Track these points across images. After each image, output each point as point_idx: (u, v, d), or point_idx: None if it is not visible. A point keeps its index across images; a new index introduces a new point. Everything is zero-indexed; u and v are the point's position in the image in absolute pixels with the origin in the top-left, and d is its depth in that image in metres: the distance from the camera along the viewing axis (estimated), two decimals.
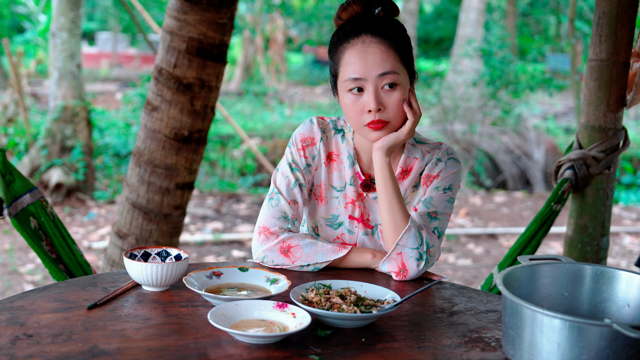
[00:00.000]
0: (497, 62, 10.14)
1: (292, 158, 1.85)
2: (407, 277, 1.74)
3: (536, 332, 1.18)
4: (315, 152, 1.85)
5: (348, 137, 1.87)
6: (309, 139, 1.85)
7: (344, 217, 1.87)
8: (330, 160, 1.87)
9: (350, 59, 1.70)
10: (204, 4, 2.92)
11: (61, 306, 1.43)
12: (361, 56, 1.69)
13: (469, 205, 7.58)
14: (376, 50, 1.69)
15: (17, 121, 8.16)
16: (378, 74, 1.68)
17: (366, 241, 1.87)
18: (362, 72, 1.68)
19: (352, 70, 1.69)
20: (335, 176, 1.87)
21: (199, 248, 5.64)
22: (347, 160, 1.86)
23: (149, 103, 3.08)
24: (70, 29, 6.70)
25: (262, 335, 1.28)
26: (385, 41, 1.70)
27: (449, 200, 1.81)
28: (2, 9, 17.54)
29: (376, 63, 1.68)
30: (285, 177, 1.83)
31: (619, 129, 2.53)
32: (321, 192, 1.88)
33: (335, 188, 1.87)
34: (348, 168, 1.86)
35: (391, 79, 1.69)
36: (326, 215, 1.88)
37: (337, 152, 1.87)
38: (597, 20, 2.48)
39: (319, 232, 1.90)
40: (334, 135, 1.87)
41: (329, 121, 1.89)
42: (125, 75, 16.86)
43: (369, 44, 1.69)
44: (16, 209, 2.22)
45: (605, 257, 2.65)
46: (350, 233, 1.88)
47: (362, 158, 1.86)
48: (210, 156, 8.87)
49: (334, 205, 1.88)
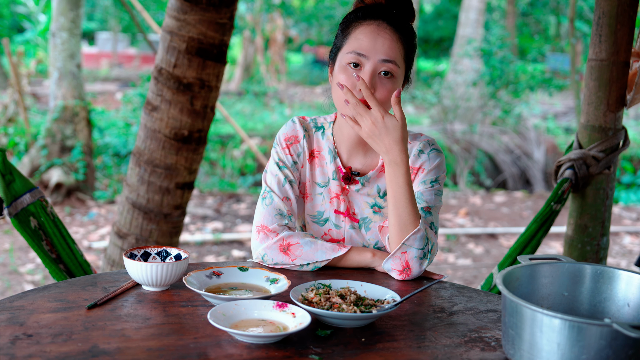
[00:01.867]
0: (497, 62, 10.14)
1: (279, 157, 1.87)
2: (410, 277, 1.74)
3: (536, 332, 1.18)
4: (300, 149, 1.88)
5: (327, 133, 1.90)
6: (293, 137, 1.88)
7: (330, 213, 1.89)
8: (313, 158, 1.90)
9: (361, 35, 1.74)
10: (204, 4, 2.92)
11: (61, 306, 1.43)
12: (373, 36, 1.73)
13: (469, 205, 7.58)
14: (388, 36, 1.74)
15: (17, 121, 8.16)
16: (382, 58, 1.72)
17: (353, 235, 1.88)
18: (368, 49, 1.72)
19: (359, 45, 1.73)
20: (318, 172, 1.89)
21: (199, 248, 5.64)
22: (328, 156, 1.88)
23: (149, 103, 3.08)
24: (70, 28, 6.70)
25: (262, 335, 1.28)
26: (398, 34, 1.75)
27: (437, 193, 1.83)
28: (2, 9, 17.54)
29: (384, 48, 1.72)
30: (275, 175, 1.85)
31: (619, 128, 2.53)
32: (306, 190, 1.90)
33: (319, 184, 1.89)
34: (330, 163, 1.88)
35: (390, 68, 1.72)
36: (312, 212, 1.90)
37: (319, 149, 1.90)
38: (597, 20, 2.48)
39: (307, 229, 1.92)
40: (315, 133, 1.91)
41: (309, 120, 1.93)
42: (125, 75, 16.86)
43: (383, 29, 1.74)
44: (16, 208, 2.22)
45: (605, 256, 2.65)
46: (337, 228, 1.89)
47: (341, 151, 1.88)
48: (210, 156, 8.87)
49: (318, 201, 1.89)
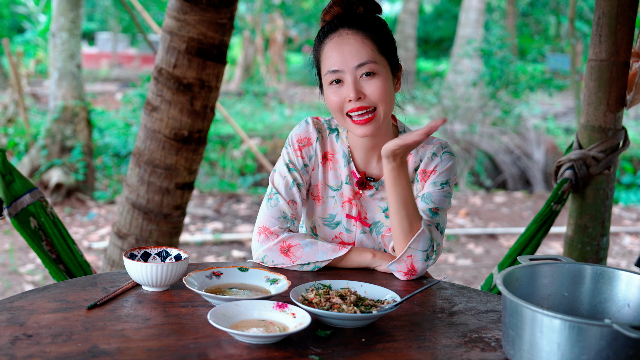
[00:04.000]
0: (497, 62, 10.13)
1: (289, 159, 1.85)
2: (414, 277, 1.76)
3: (536, 332, 1.18)
4: (312, 152, 1.86)
5: (342, 136, 1.88)
6: (305, 139, 1.86)
7: (342, 216, 1.88)
8: (326, 160, 1.88)
9: (328, 53, 1.74)
10: (203, 4, 2.92)
11: (61, 306, 1.43)
12: (338, 48, 1.72)
13: (469, 205, 7.58)
14: (352, 41, 1.72)
15: (17, 121, 8.16)
16: (355, 64, 1.71)
17: (364, 239, 1.87)
18: (339, 63, 1.71)
19: (330, 63, 1.73)
20: (331, 175, 1.88)
21: (199, 248, 5.64)
22: (342, 159, 1.86)
23: (149, 103, 3.08)
24: (70, 29, 6.70)
25: (262, 335, 1.28)
26: (362, 32, 1.73)
27: (446, 195, 1.82)
28: (2, 9, 17.54)
29: (352, 54, 1.71)
30: (283, 177, 1.83)
31: (619, 129, 2.53)
32: (318, 192, 1.89)
33: (332, 187, 1.88)
34: (343, 167, 1.86)
35: (369, 68, 1.71)
36: (323, 215, 1.89)
37: (332, 152, 1.88)
38: (597, 20, 2.48)
39: (317, 232, 1.91)
40: (329, 135, 1.89)
41: (323, 121, 1.91)
42: (125, 75, 16.85)
43: (345, 36, 1.73)
44: (16, 209, 2.22)
45: (605, 257, 2.65)
46: (348, 232, 1.88)
47: (356, 156, 1.87)
48: (210, 156, 8.86)
49: (330, 205, 1.88)
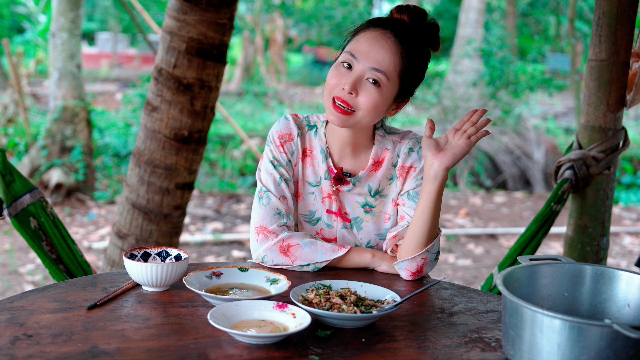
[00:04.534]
0: (497, 62, 10.13)
1: (273, 155, 1.85)
2: (418, 278, 1.77)
3: (536, 333, 1.18)
4: (294, 147, 1.87)
5: (320, 132, 1.88)
6: (287, 134, 1.86)
7: (322, 212, 1.88)
8: (305, 156, 1.88)
9: (362, 39, 1.74)
10: (203, 4, 2.92)
11: (61, 306, 1.43)
12: (372, 42, 1.72)
13: (469, 206, 7.57)
14: (387, 47, 1.71)
15: (17, 121, 8.16)
16: (372, 66, 1.70)
17: (345, 234, 1.88)
18: (362, 53, 1.71)
19: (356, 47, 1.73)
20: (310, 172, 1.88)
21: (199, 248, 5.64)
22: (320, 155, 1.87)
23: (149, 103, 3.08)
24: (70, 29, 6.70)
25: (262, 335, 1.28)
26: (401, 49, 1.71)
27: None
28: (2, 9, 17.55)
29: (377, 55, 1.70)
30: (270, 174, 1.83)
31: (619, 129, 2.53)
32: (298, 189, 1.89)
33: (311, 184, 1.88)
34: (322, 162, 1.87)
35: (377, 77, 1.70)
36: (304, 211, 1.89)
37: (311, 148, 1.88)
38: (597, 20, 2.48)
39: (299, 229, 1.90)
40: (308, 132, 1.89)
41: (302, 118, 1.91)
42: (125, 75, 16.86)
43: (386, 39, 1.72)
44: (16, 209, 2.22)
45: (605, 257, 2.65)
46: (329, 227, 1.88)
47: (333, 152, 1.87)
48: (210, 156, 8.86)
49: (310, 201, 1.88)
